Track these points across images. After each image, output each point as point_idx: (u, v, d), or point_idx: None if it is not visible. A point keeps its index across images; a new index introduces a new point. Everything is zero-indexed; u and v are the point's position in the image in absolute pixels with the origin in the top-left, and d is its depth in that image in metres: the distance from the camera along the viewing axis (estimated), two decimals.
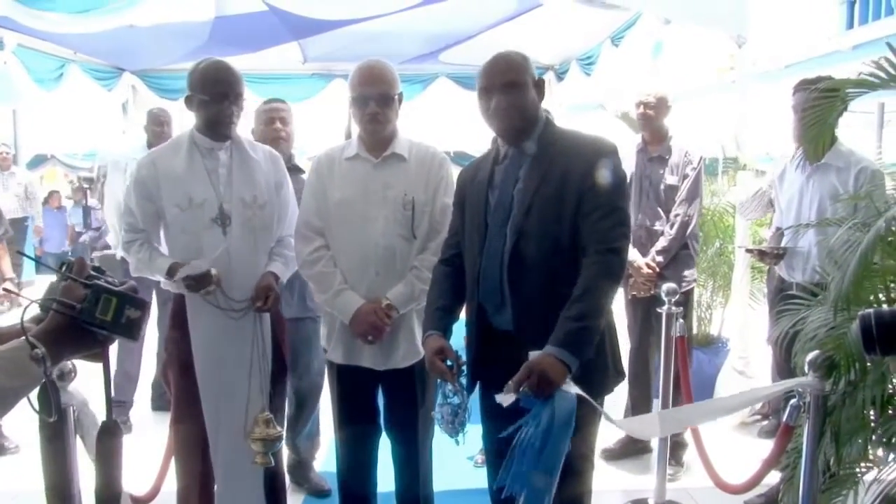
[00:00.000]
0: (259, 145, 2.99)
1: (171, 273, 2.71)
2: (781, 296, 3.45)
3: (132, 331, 1.30)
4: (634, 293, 4.01)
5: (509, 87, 2.20)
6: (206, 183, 2.76)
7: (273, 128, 3.55)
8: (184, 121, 12.37)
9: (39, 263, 3.95)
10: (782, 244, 3.63)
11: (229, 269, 2.74)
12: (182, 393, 2.85)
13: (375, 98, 2.69)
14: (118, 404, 3.87)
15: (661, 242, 3.96)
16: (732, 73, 6.16)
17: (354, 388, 2.86)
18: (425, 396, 2.85)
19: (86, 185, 11.17)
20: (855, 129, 4.98)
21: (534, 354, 2.00)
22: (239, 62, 2.94)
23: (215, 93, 2.68)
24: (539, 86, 2.30)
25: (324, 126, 9.56)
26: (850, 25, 9.79)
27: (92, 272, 1.31)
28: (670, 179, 4.00)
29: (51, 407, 1.27)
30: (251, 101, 3.96)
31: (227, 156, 2.80)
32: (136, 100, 9.59)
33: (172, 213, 2.75)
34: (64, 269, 1.31)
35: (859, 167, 3.33)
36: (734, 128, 4.86)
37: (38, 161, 14.22)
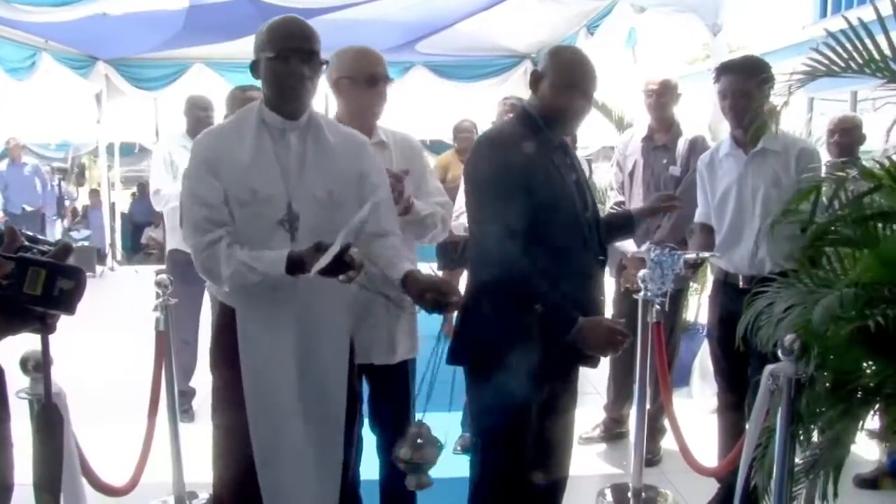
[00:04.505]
0: (341, 126, 2.47)
1: (297, 265, 2.10)
2: (726, 287, 3.33)
3: (67, 303, 1.17)
4: (628, 286, 3.80)
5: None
6: (274, 173, 2.23)
7: None
8: (159, 114, 12.15)
9: None
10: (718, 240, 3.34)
11: (295, 285, 2.19)
12: (225, 385, 2.44)
13: (383, 78, 2.66)
14: (180, 394, 3.77)
15: (657, 235, 3.77)
16: (708, 61, 6.19)
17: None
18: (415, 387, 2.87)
19: (59, 176, 11.04)
20: (829, 118, 5.03)
21: None
22: (214, 49, 2.81)
23: (283, 48, 2.19)
24: None
25: None
26: (824, 14, 9.88)
27: (25, 242, 1.19)
28: (674, 170, 3.87)
29: None
30: (223, 89, 3.94)
31: (299, 140, 2.29)
32: (109, 90, 9.51)
33: (232, 209, 2.22)
34: None
35: (798, 149, 3.15)
36: (709, 116, 4.89)
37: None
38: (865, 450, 2.41)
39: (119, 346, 5.64)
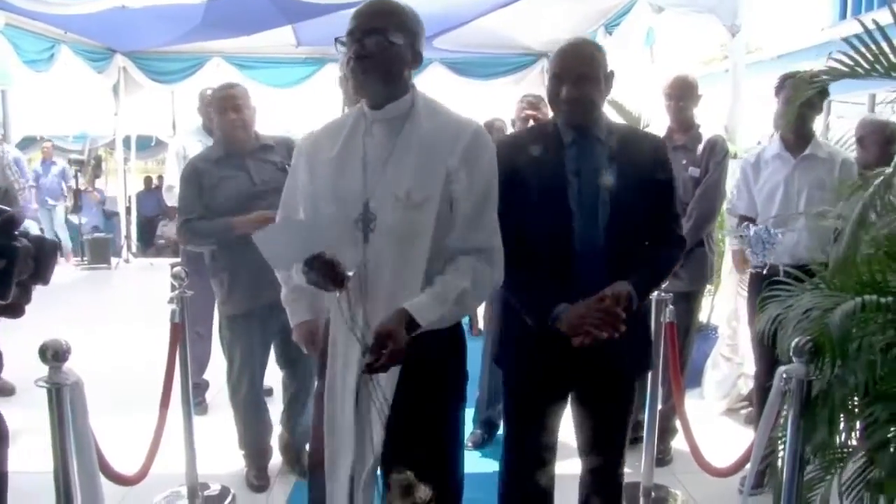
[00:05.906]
0: (451, 113, 2.12)
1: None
2: (769, 281, 3.46)
3: (1, 285, 1.06)
4: None
5: (582, 80, 2.20)
6: (354, 170, 2.02)
7: (227, 118, 3.41)
8: (176, 108, 12.22)
9: None
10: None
11: (364, 292, 1.97)
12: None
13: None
14: (194, 386, 3.78)
15: None
16: (725, 61, 6.17)
17: None
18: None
19: (76, 168, 11.11)
20: (849, 120, 5.02)
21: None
22: (232, 44, 2.80)
23: (352, 28, 1.98)
24: (608, 79, 2.28)
25: (316, 110, 9.53)
26: (843, 16, 9.82)
27: None
28: (693, 171, 3.86)
29: None
30: (241, 83, 3.91)
31: (388, 132, 2.03)
32: (126, 82, 9.56)
33: (319, 207, 2.07)
34: None
35: (842, 158, 3.53)
36: (726, 117, 4.87)
37: (28, 143, 14.13)
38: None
39: (133, 338, 5.68)
